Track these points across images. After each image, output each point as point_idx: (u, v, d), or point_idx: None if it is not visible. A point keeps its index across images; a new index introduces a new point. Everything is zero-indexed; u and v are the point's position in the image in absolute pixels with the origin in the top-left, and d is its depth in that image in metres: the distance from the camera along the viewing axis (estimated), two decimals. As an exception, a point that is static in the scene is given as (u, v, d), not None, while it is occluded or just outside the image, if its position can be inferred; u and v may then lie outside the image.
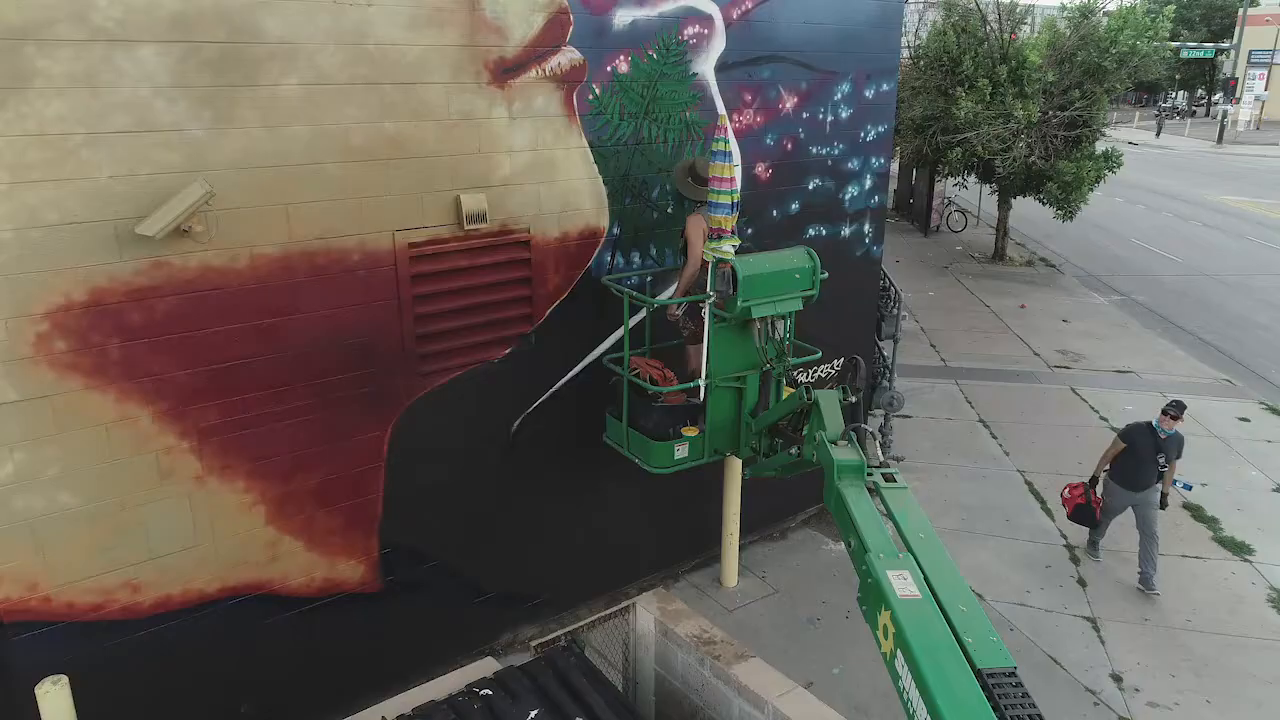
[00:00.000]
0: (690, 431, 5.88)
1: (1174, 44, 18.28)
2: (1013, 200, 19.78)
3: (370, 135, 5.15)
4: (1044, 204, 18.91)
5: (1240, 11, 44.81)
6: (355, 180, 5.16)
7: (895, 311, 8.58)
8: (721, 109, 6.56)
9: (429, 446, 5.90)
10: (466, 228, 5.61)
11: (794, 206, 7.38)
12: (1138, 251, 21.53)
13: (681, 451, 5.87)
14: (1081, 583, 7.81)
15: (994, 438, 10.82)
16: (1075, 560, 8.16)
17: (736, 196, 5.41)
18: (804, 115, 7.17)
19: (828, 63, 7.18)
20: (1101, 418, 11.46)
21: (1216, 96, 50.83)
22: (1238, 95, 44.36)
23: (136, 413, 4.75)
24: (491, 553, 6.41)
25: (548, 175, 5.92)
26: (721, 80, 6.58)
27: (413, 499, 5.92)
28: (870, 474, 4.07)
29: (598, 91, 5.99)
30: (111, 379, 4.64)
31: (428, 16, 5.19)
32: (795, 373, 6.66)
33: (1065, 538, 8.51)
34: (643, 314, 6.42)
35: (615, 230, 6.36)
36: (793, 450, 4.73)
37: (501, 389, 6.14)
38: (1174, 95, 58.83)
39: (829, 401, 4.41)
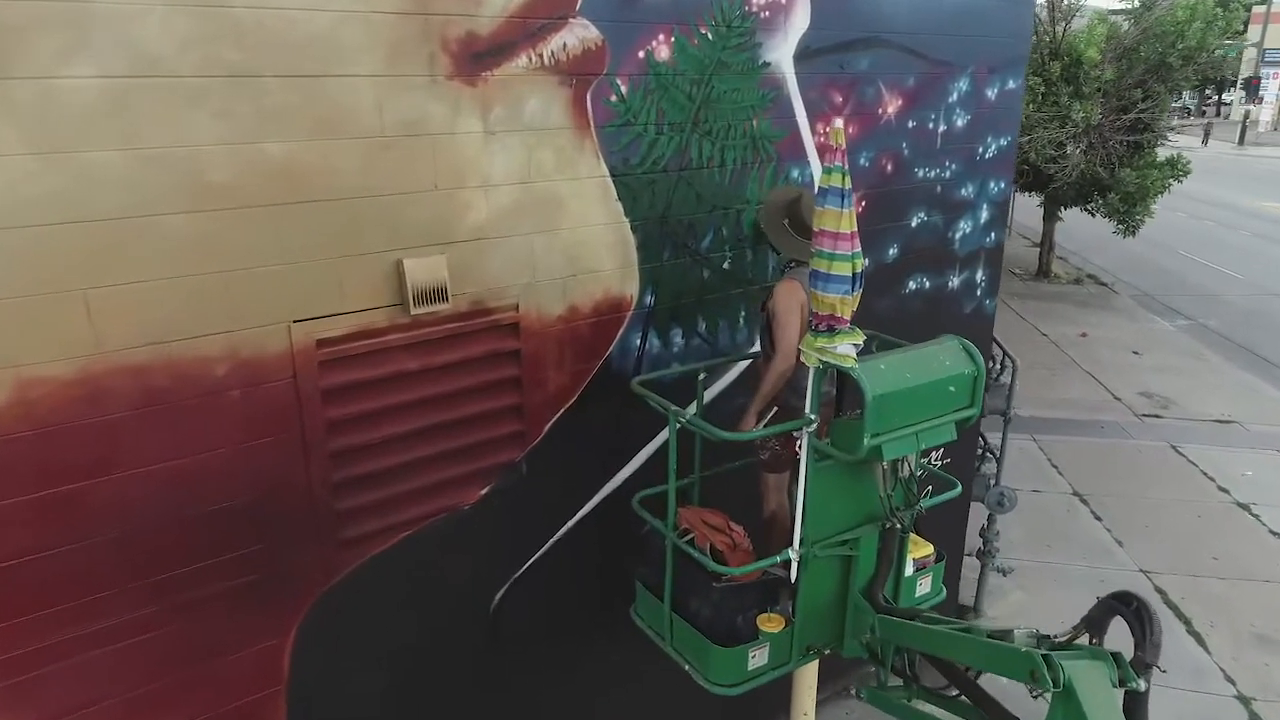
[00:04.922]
0: (771, 624, 3.74)
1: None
2: (1061, 213, 17.78)
3: (243, 164, 3.00)
4: (1095, 215, 16.93)
5: (1265, 9, 42.92)
6: (218, 241, 3.01)
7: (1007, 381, 6.49)
8: (803, 120, 4.43)
9: (361, 650, 3.76)
10: (416, 310, 3.47)
11: (892, 251, 5.25)
12: (1190, 265, 19.55)
13: (758, 658, 3.72)
14: (1278, 764, 5.74)
15: (1098, 519, 8.72)
16: (1256, 721, 6.08)
17: (861, 263, 3.27)
18: (909, 124, 5.04)
19: (942, 50, 5.05)
20: (1220, 488, 9.38)
21: (1228, 97, 48.85)
22: (1260, 94, 42.48)
23: None
24: (463, 780, 4.28)
25: (547, 221, 3.78)
26: (803, 74, 4.45)
27: (336, 728, 3.79)
28: None
29: (624, 90, 3.86)
30: None
31: (344, -38, 3.06)
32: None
33: (1233, 683, 6.41)
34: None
35: (649, 299, 4.22)
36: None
37: (476, 547, 4.00)
38: (1180, 95, 56.64)
39: (1097, 690, 2.26)
